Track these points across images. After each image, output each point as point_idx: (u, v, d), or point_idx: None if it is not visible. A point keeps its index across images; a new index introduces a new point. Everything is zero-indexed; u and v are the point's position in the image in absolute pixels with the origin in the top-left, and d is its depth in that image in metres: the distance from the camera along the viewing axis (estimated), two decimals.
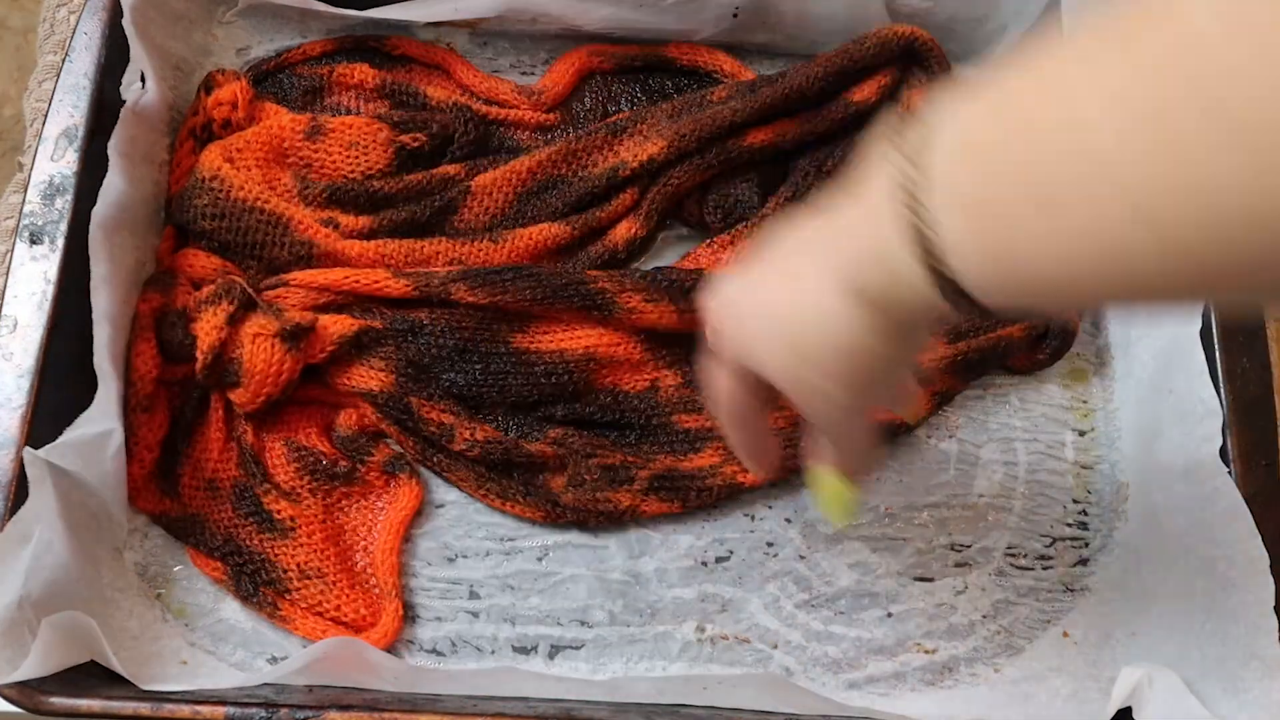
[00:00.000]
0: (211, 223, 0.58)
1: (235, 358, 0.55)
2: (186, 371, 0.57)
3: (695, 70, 0.67)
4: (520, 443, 0.58)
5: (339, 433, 0.59)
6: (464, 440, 0.58)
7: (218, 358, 0.55)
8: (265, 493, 0.56)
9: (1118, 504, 0.61)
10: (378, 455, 0.58)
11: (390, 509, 0.58)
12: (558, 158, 0.63)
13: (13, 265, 0.54)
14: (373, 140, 0.61)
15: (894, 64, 0.65)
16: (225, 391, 0.57)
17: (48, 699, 0.47)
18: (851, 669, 0.58)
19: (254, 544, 0.56)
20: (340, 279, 0.58)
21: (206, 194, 0.58)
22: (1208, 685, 0.53)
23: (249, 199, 0.58)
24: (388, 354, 0.58)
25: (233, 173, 0.58)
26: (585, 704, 0.52)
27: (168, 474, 0.57)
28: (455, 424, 0.58)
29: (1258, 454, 0.56)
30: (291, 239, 0.59)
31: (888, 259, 0.36)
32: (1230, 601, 0.53)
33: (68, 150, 0.56)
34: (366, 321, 0.58)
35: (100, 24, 0.58)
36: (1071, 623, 0.59)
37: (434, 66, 0.66)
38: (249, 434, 0.57)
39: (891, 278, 0.36)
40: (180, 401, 0.58)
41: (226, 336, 0.55)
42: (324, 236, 0.59)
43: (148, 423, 0.56)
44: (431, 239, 0.61)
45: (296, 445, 0.57)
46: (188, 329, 0.56)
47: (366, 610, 0.55)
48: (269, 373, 0.55)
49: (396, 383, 0.58)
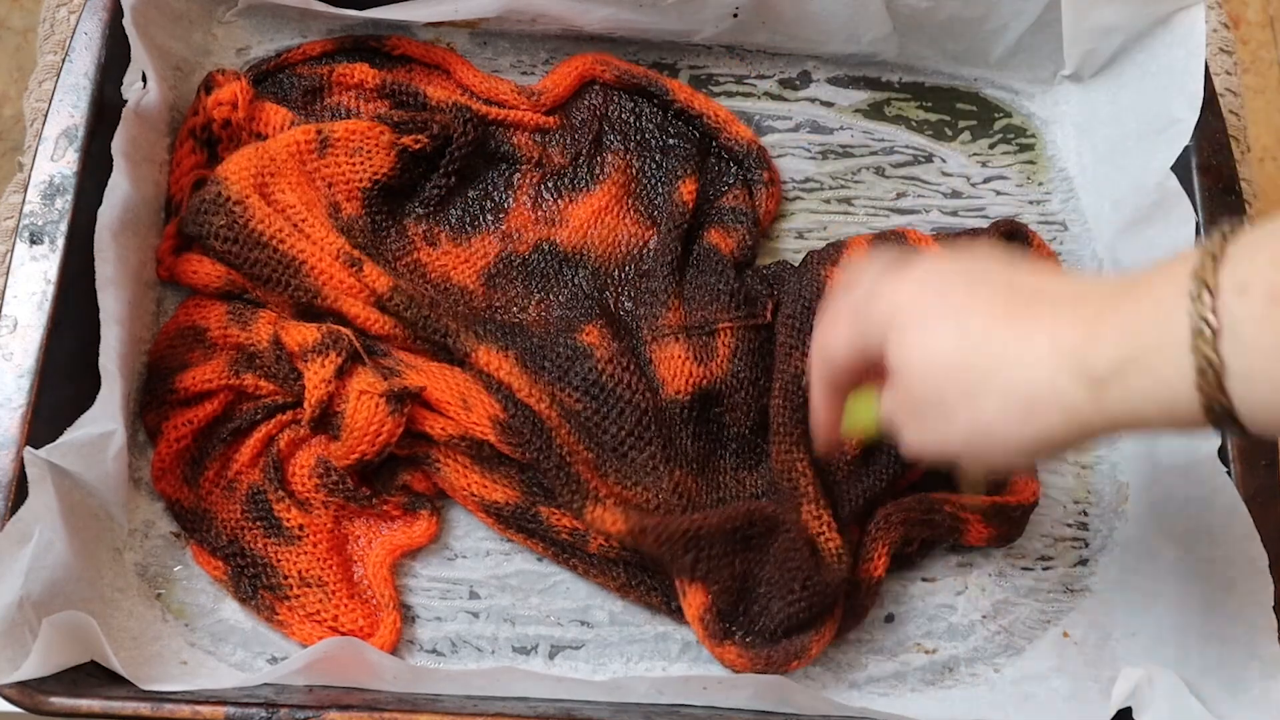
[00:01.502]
0: (223, 245, 0.57)
1: (339, 411, 0.55)
2: (256, 386, 0.57)
3: (688, 112, 0.65)
4: None
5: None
6: (599, 544, 0.56)
7: (325, 411, 0.55)
8: (279, 499, 0.56)
9: (1118, 504, 0.61)
10: (400, 495, 0.57)
11: (398, 532, 0.57)
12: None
13: (13, 265, 0.54)
14: (375, 144, 0.61)
15: None
16: (327, 442, 0.57)
17: (48, 699, 0.47)
18: (851, 669, 0.58)
19: (258, 547, 0.56)
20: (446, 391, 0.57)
21: (225, 215, 0.57)
22: (1208, 685, 0.53)
23: (266, 233, 0.57)
24: (511, 472, 0.57)
25: (258, 203, 0.57)
26: (585, 704, 0.52)
27: (195, 463, 0.57)
28: (588, 530, 0.56)
29: (1258, 454, 0.56)
30: (299, 282, 0.57)
31: (1153, 352, 0.35)
32: (1230, 601, 0.53)
33: (68, 150, 0.56)
34: (487, 437, 0.56)
35: (100, 24, 0.58)
36: (1071, 623, 0.59)
37: (434, 66, 0.66)
38: (283, 441, 0.57)
39: (1146, 376, 0.35)
40: (233, 403, 0.58)
41: (334, 390, 0.55)
42: (335, 285, 0.58)
43: (184, 413, 0.57)
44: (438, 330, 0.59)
45: (325, 462, 0.56)
46: (292, 363, 0.56)
47: (365, 621, 0.55)
48: (368, 431, 0.54)
49: (523, 496, 0.57)
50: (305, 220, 0.58)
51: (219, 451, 0.57)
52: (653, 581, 0.57)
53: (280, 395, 0.57)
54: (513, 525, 0.57)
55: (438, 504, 0.58)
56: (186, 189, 0.60)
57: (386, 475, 0.57)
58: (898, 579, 0.59)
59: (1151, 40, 0.63)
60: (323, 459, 0.56)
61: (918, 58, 0.69)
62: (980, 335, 0.39)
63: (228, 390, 0.57)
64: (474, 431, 0.56)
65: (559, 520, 0.56)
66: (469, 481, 0.57)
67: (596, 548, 0.56)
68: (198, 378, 0.57)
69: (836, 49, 0.68)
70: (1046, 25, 0.65)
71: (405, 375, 0.57)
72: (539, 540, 0.57)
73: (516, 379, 0.58)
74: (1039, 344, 0.37)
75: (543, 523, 0.56)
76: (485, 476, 0.57)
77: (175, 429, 0.57)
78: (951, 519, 0.58)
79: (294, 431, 0.57)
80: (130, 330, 0.57)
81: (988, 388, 0.38)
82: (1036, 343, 0.37)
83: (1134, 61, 0.64)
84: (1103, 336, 0.36)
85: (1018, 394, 0.37)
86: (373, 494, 0.56)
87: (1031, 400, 0.37)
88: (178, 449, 0.57)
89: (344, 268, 0.58)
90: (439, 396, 0.56)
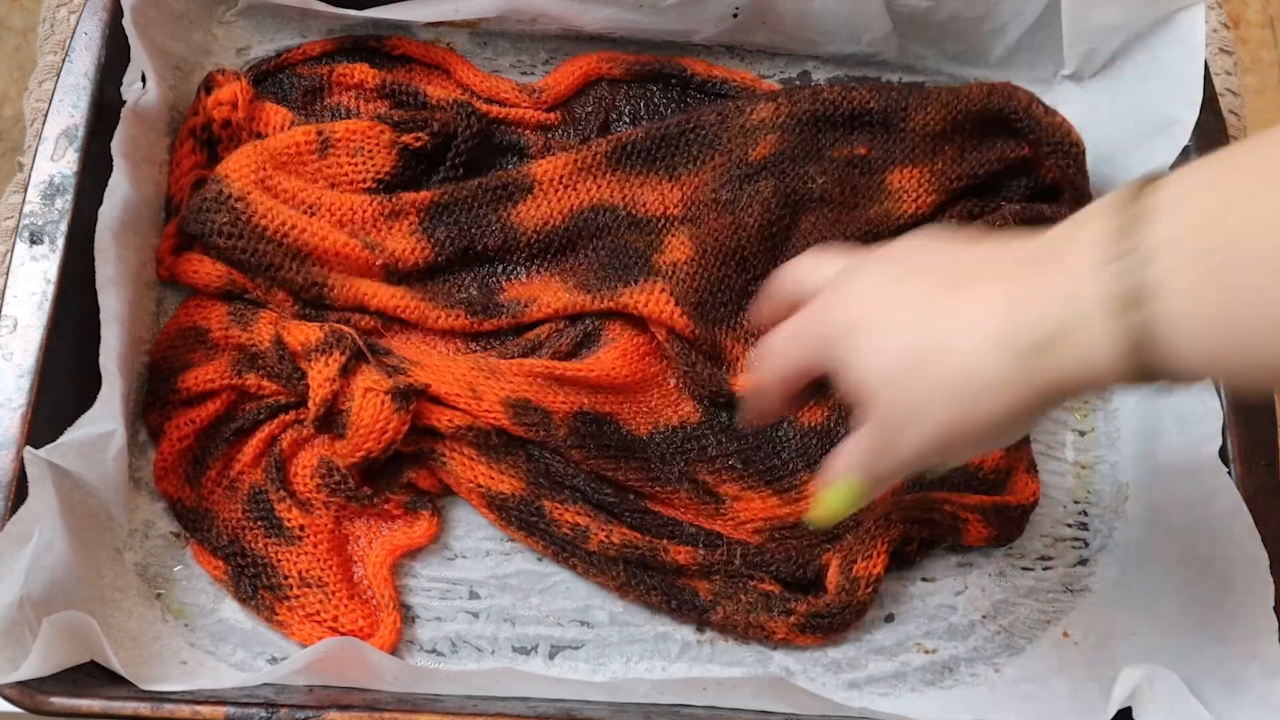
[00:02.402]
0: (227, 241, 0.57)
1: (344, 410, 0.55)
2: (260, 386, 0.57)
3: (710, 81, 0.66)
4: (668, 545, 0.56)
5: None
6: (599, 541, 0.56)
7: (330, 409, 0.55)
8: (280, 499, 0.56)
9: (1118, 504, 0.61)
10: (402, 493, 0.57)
11: (398, 532, 0.57)
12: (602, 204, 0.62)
13: (13, 265, 0.54)
14: (375, 144, 0.61)
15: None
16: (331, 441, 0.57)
17: (48, 699, 0.47)
18: (852, 669, 0.57)
19: (258, 547, 0.56)
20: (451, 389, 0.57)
21: (228, 212, 0.57)
22: (1208, 685, 0.53)
23: (270, 227, 0.57)
24: (518, 461, 0.57)
25: (260, 197, 0.57)
26: (585, 704, 0.52)
27: (198, 463, 0.57)
28: (590, 525, 0.56)
29: (1258, 454, 0.56)
30: (306, 270, 0.58)
31: (1073, 324, 0.34)
32: (1230, 602, 0.53)
33: (68, 150, 0.56)
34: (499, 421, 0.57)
35: (100, 24, 0.58)
36: (1071, 623, 0.59)
37: (434, 66, 0.66)
38: (285, 441, 0.57)
39: (1071, 347, 0.35)
40: (236, 403, 0.58)
41: (339, 388, 0.55)
42: (345, 262, 0.58)
43: (187, 412, 0.57)
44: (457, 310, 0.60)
45: (328, 462, 0.56)
46: (295, 363, 0.56)
47: (365, 621, 0.55)
48: (374, 429, 0.54)
49: (528, 487, 0.57)
50: (320, 200, 0.59)
51: (221, 451, 0.57)
52: (652, 580, 0.56)
53: (283, 395, 0.57)
54: (514, 521, 0.57)
55: (439, 503, 0.58)
56: (186, 189, 0.60)
57: (390, 473, 0.57)
58: (898, 579, 0.59)
59: (1151, 40, 0.63)
60: (325, 459, 0.56)
61: (918, 58, 0.68)
62: (918, 332, 0.39)
63: (230, 390, 0.57)
64: (485, 419, 0.56)
65: (561, 514, 0.56)
66: (475, 474, 0.57)
67: (596, 545, 0.56)
68: (200, 377, 0.57)
69: (836, 49, 0.68)
70: (1046, 25, 0.65)
71: (410, 372, 0.57)
72: (539, 538, 0.57)
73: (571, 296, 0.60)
74: (967, 328, 0.37)
75: (545, 517, 0.56)
76: (492, 467, 0.57)
77: (178, 428, 0.57)
78: (952, 519, 0.58)
79: (297, 431, 0.57)
80: (130, 330, 0.57)
81: (939, 382, 0.38)
82: (965, 327, 0.37)
83: (1134, 61, 0.64)
84: (1018, 301, 0.36)
85: (962, 382, 0.37)
86: (374, 493, 0.56)
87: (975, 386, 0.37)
88: (180, 448, 0.57)
89: (354, 240, 0.58)
90: (447, 389, 0.56)
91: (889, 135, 0.63)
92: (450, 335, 0.61)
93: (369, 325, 0.60)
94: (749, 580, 0.57)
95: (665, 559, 0.56)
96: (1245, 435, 0.56)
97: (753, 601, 0.56)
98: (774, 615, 0.56)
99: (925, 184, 0.63)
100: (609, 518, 0.57)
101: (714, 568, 0.56)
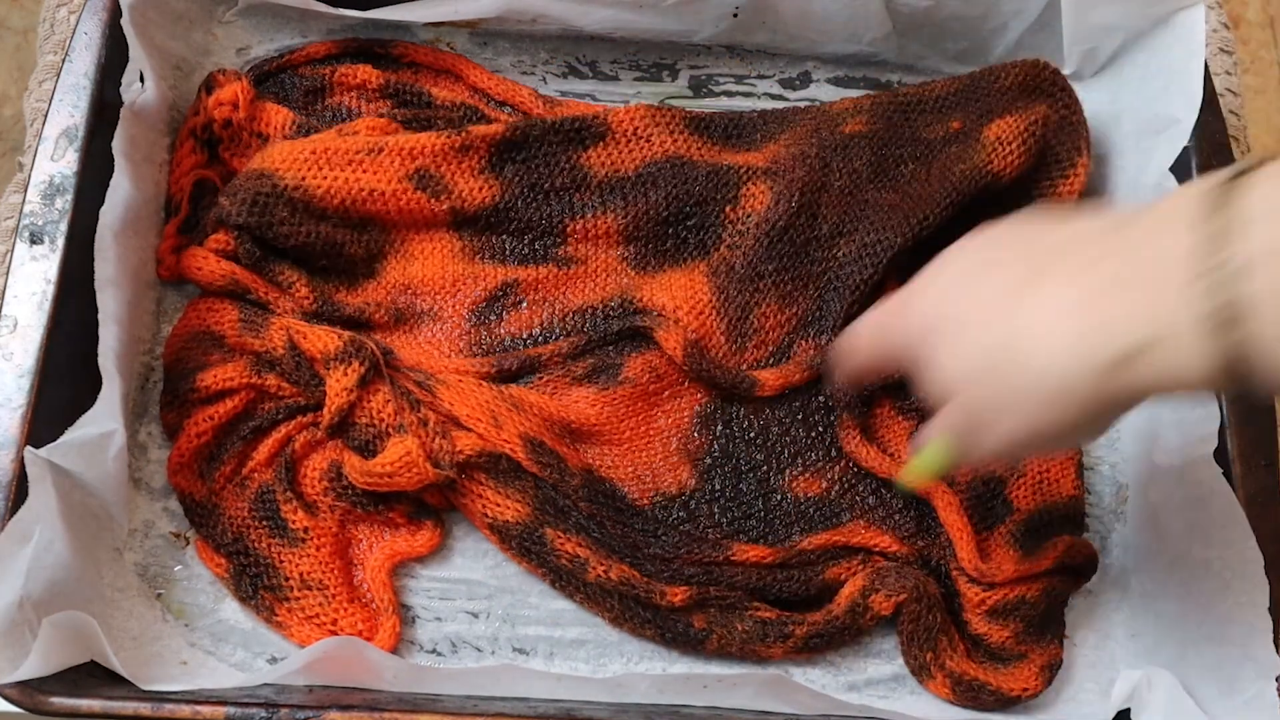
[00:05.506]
0: (288, 230, 0.57)
1: (360, 422, 0.56)
2: (279, 387, 0.57)
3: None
4: (663, 589, 0.56)
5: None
6: (597, 575, 0.56)
7: (344, 419, 0.56)
8: (286, 500, 0.56)
9: (1117, 505, 0.61)
10: (407, 504, 0.57)
11: (401, 540, 0.57)
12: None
13: (13, 265, 0.54)
14: None
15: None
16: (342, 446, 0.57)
17: (48, 699, 0.47)
18: (851, 671, 0.57)
19: (261, 547, 0.56)
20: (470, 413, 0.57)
21: (286, 205, 0.57)
22: (1205, 687, 0.53)
23: (330, 205, 0.58)
24: (525, 487, 0.57)
25: (315, 179, 0.58)
26: (585, 704, 0.52)
27: (212, 458, 0.57)
28: (590, 558, 0.56)
29: (1257, 454, 0.56)
30: (369, 238, 0.60)
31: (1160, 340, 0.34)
32: (1226, 603, 0.53)
33: (68, 150, 0.56)
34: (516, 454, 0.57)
35: (100, 24, 0.58)
36: (1071, 623, 0.59)
37: (443, 72, 0.66)
38: (298, 444, 0.57)
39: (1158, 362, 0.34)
40: (255, 401, 0.58)
41: (356, 399, 0.55)
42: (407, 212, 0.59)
43: (206, 409, 0.57)
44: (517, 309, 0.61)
45: (338, 466, 0.56)
46: (313, 369, 0.56)
47: (364, 625, 0.55)
48: (410, 484, 0.55)
49: (534, 513, 0.57)
50: (384, 142, 0.59)
51: (237, 449, 0.57)
52: (646, 614, 0.56)
53: (301, 398, 0.57)
54: (516, 546, 0.57)
55: (442, 513, 0.58)
56: (187, 189, 0.60)
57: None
58: None
59: (1151, 40, 0.63)
60: (335, 463, 0.56)
61: (918, 58, 0.68)
62: (997, 333, 0.39)
63: (250, 389, 0.57)
64: (502, 448, 0.56)
65: (562, 544, 0.56)
66: (482, 503, 0.56)
67: (594, 577, 0.56)
68: (219, 376, 0.57)
69: (836, 49, 0.68)
70: (1046, 25, 0.65)
71: (436, 391, 0.57)
72: (539, 565, 0.57)
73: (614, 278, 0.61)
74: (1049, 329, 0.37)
75: (547, 545, 0.56)
76: (499, 492, 0.56)
77: (196, 424, 0.57)
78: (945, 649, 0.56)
79: (310, 434, 0.57)
80: (130, 330, 0.57)
81: (1019, 385, 0.38)
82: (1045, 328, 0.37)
83: (1134, 61, 0.64)
84: (1109, 320, 0.36)
85: (1042, 388, 0.38)
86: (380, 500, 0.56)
87: (1053, 392, 0.37)
88: (198, 444, 0.57)
89: (419, 193, 0.59)
90: (468, 413, 0.56)
91: (978, 102, 0.63)
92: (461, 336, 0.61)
93: (382, 320, 0.60)
94: (745, 610, 0.56)
95: (661, 602, 0.56)
96: (1245, 436, 0.56)
97: (749, 630, 0.56)
98: (770, 642, 0.56)
99: (1018, 136, 0.61)
100: (608, 553, 0.56)
101: (709, 601, 0.56)
